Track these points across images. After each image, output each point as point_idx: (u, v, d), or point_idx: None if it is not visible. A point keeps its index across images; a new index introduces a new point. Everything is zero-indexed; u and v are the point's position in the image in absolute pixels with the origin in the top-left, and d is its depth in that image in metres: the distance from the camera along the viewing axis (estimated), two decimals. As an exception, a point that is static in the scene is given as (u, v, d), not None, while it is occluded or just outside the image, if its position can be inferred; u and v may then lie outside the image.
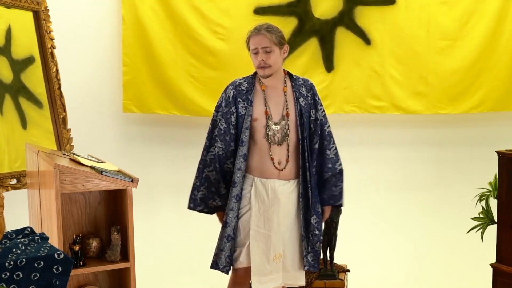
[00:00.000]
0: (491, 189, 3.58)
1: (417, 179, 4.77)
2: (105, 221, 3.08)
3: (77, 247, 2.89)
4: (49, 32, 3.91)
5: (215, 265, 3.16)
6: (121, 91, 4.48)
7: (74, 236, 2.93)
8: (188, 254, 4.55)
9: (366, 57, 4.50)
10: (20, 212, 3.49)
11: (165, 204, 4.69)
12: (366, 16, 4.45)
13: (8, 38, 3.68)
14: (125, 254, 2.97)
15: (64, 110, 3.97)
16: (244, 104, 3.14)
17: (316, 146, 3.18)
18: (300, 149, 3.13)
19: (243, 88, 3.17)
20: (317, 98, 3.23)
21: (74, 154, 3.27)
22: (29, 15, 3.83)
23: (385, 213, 4.70)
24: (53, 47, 3.93)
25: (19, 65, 3.76)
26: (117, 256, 2.94)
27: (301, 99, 3.17)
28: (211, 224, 3.88)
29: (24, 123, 3.74)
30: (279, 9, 4.44)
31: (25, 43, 3.80)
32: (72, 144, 4.00)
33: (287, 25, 4.38)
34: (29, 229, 2.50)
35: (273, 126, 3.11)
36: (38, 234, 2.44)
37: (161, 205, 4.68)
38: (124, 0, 4.38)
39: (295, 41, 4.46)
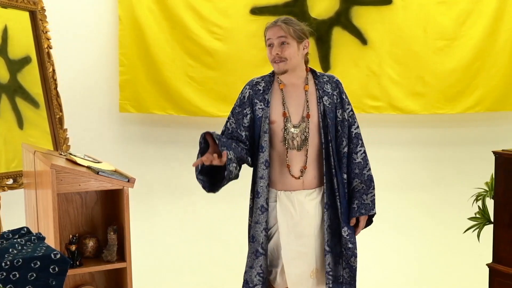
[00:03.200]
0: (487, 189, 3.57)
1: (416, 179, 4.76)
2: (102, 221, 3.08)
3: (73, 247, 2.89)
4: (46, 32, 3.91)
5: (245, 284, 2.89)
6: (117, 91, 4.47)
7: (71, 236, 2.92)
8: (186, 254, 4.54)
9: (364, 57, 4.49)
10: (16, 212, 3.49)
11: (163, 204, 4.68)
12: (362, 16, 4.44)
13: (4, 38, 3.68)
14: (122, 254, 2.96)
15: (61, 110, 3.97)
16: (261, 105, 2.86)
17: (345, 149, 2.92)
18: (324, 153, 2.85)
19: (260, 87, 2.90)
20: (344, 97, 2.93)
21: (70, 154, 3.26)
22: (25, 15, 3.82)
23: (384, 213, 4.68)
24: (49, 47, 3.93)
25: (16, 65, 3.76)
26: (113, 256, 2.93)
27: (325, 98, 2.88)
28: (210, 224, 3.90)
29: (20, 123, 3.74)
30: (276, 9, 4.43)
31: (21, 43, 3.80)
32: (68, 144, 4.00)
33: (284, 25, 4.37)
34: (25, 229, 2.49)
35: (292, 129, 2.84)
36: (34, 234, 2.43)
37: (159, 205, 4.67)
38: (120, 0, 4.38)
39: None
